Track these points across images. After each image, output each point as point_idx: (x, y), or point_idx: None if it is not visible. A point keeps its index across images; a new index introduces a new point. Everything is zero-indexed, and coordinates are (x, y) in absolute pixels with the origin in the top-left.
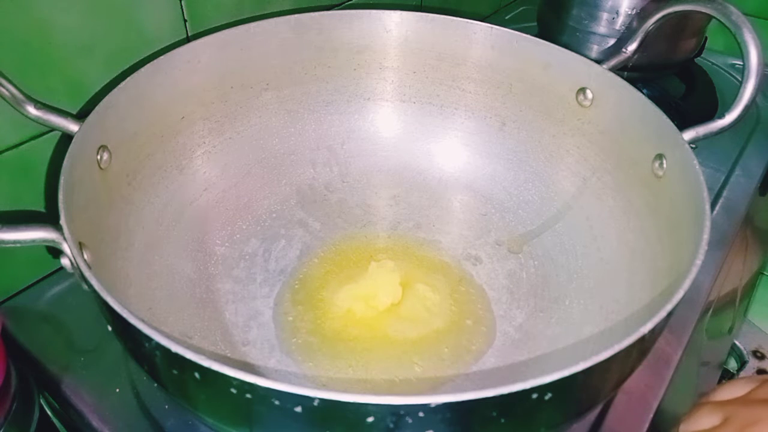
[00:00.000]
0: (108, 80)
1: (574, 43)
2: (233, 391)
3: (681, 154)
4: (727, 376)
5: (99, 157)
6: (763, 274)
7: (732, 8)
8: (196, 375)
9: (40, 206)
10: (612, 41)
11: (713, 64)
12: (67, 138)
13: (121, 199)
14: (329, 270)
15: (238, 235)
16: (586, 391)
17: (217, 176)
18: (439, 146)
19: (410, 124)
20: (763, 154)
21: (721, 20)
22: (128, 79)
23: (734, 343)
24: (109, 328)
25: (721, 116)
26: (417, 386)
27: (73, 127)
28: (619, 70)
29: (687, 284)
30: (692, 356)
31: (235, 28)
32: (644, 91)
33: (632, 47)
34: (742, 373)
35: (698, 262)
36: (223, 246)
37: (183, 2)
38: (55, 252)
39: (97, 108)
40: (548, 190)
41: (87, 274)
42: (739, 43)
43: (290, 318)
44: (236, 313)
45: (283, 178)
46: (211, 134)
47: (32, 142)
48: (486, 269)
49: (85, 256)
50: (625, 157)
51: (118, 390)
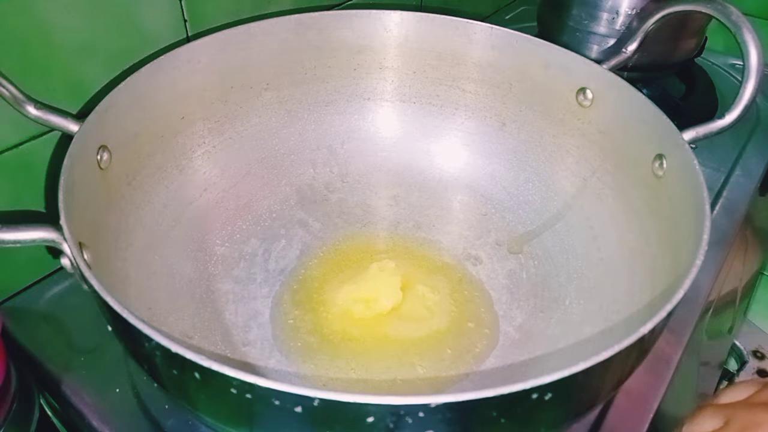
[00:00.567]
0: (108, 80)
1: (574, 43)
2: (233, 391)
3: (681, 154)
4: (727, 376)
5: (99, 157)
6: (763, 274)
7: (732, 8)
8: (196, 375)
9: (40, 206)
10: (612, 41)
11: (713, 64)
12: (67, 138)
13: (121, 199)
14: (329, 270)
15: (238, 235)
16: (586, 391)
17: (217, 176)
18: (439, 146)
19: (410, 124)
20: (763, 154)
21: (721, 20)
22: (128, 79)
23: (734, 343)
24: (109, 328)
25: (721, 116)
26: (417, 386)
27: (73, 127)
28: (619, 70)
29: (687, 284)
30: (692, 356)
31: (235, 28)
32: (644, 91)
33: (632, 47)
34: (742, 373)
35: (698, 262)
36: (223, 246)
37: (183, 2)
38: (55, 252)
39: (97, 108)
40: (548, 190)
41: (87, 274)
42: (739, 43)
43: (290, 318)
44: (236, 313)
45: (283, 178)
46: (211, 134)
47: (32, 142)
48: (486, 269)
49: (85, 256)
50: (625, 157)
51: (118, 390)
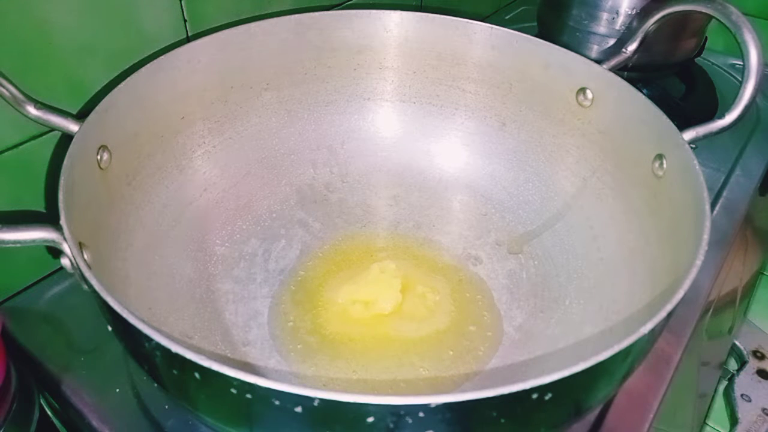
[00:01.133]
0: (108, 80)
1: (574, 43)
2: (233, 391)
3: (681, 154)
4: (726, 376)
5: (99, 157)
6: (763, 274)
7: (732, 8)
8: (197, 375)
9: (40, 206)
10: (612, 41)
11: (713, 64)
12: (67, 138)
13: (121, 199)
14: (329, 270)
15: (238, 235)
16: (586, 391)
17: (217, 176)
18: (439, 146)
19: (410, 124)
20: (763, 154)
21: (721, 20)
22: (128, 79)
23: (734, 343)
24: (109, 328)
25: (721, 116)
26: (417, 386)
27: (73, 127)
28: (619, 70)
29: (687, 284)
30: (692, 356)
31: (235, 28)
32: (644, 91)
33: (632, 47)
34: (742, 373)
35: (698, 262)
36: (223, 246)
37: (183, 2)
38: (55, 252)
39: (97, 108)
40: (548, 190)
41: (87, 274)
42: (739, 43)
43: (290, 318)
44: (236, 313)
45: (283, 178)
46: (211, 134)
47: (32, 142)
48: (486, 269)
49: (85, 256)
50: (625, 157)
51: (118, 390)
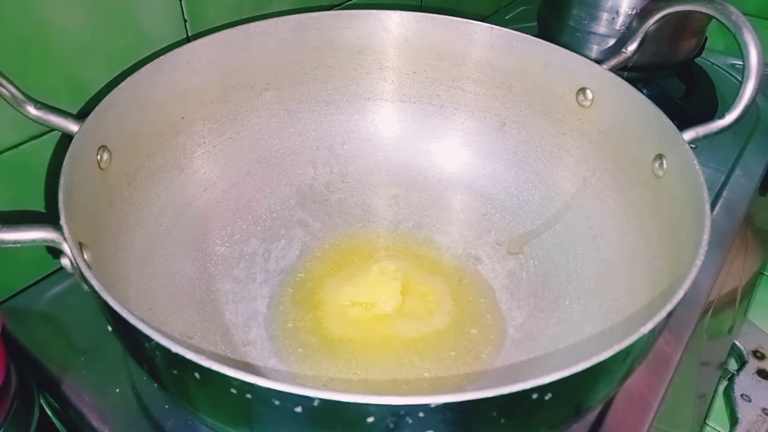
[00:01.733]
0: (108, 80)
1: (574, 43)
2: (233, 391)
3: (681, 155)
4: (726, 376)
5: (99, 157)
6: (763, 274)
7: (732, 8)
8: (197, 375)
9: (40, 206)
10: (612, 41)
11: (713, 64)
12: (67, 138)
13: (121, 199)
14: (329, 270)
15: (238, 235)
16: (586, 391)
17: (217, 176)
18: (439, 146)
19: (410, 124)
20: (763, 154)
21: (721, 20)
22: (128, 79)
23: (734, 343)
24: (109, 328)
25: (721, 116)
26: (417, 386)
27: (73, 127)
28: (619, 70)
29: (687, 284)
30: (692, 356)
31: (235, 28)
32: (644, 91)
33: (632, 47)
34: (742, 373)
35: (698, 262)
36: (223, 246)
37: (183, 2)
38: (55, 252)
39: (97, 108)
40: (548, 190)
41: (87, 274)
42: (739, 43)
43: (290, 318)
44: (236, 313)
45: (283, 178)
46: (211, 134)
47: (32, 142)
48: (486, 269)
49: (85, 256)
50: (625, 158)
51: (118, 390)
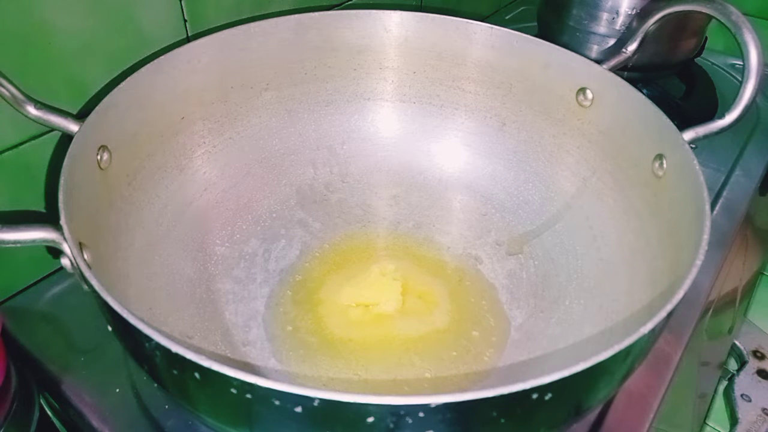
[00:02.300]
0: (108, 80)
1: (574, 43)
2: (233, 391)
3: (681, 155)
4: (726, 376)
5: (99, 157)
6: (763, 274)
7: (732, 8)
8: (197, 375)
9: (40, 206)
10: (612, 41)
11: (713, 64)
12: (67, 138)
13: (121, 199)
14: (329, 270)
15: (238, 235)
16: (586, 391)
17: (217, 176)
18: (439, 146)
19: (410, 124)
20: (763, 154)
21: (721, 20)
22: (128, 79)
23: (734, 343)
24: (109, 328)
25: (721, 116)
26: (417, 386)
27: (73, 127)
28: (619, 70)
29: (687, 284)
30: (692, 356)
31: (235, 28)
32: (644, 91)
33: (632, 47)
34: (742, 373)
35: (698, 262)
36: (223, 246)
37: (183, 2)
38: (55, 252)
39: (97, 108)
40: (548, 190)
41: (87, 274)
42: (739, 43)
43: (290, 318)
44: (236, 313)
45: (283, 178)
46: (211, 134)
47: (32, 142)
48: (486, 269)
49: (85, 256)
50: (625, 157)
51: (118, 390)
